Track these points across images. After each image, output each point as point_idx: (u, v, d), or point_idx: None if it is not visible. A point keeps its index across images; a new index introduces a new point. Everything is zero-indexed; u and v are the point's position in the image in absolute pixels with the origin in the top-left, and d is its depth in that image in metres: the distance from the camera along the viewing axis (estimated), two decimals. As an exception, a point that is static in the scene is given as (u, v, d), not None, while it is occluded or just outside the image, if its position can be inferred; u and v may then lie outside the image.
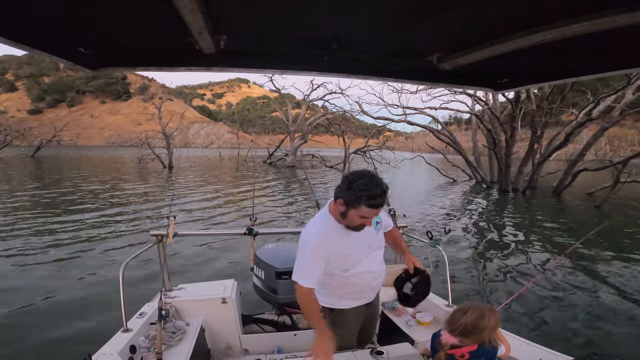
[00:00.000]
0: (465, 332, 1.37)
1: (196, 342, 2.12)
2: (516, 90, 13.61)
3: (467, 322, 1.36)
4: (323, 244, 1.66)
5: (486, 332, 1.36)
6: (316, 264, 1.66)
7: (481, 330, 1.35)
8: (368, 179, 1.57)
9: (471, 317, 1.36)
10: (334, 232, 1.69)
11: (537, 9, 0.96)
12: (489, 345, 1.37)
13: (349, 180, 1.59)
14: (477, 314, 1.37)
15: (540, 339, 1.79)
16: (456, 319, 1.40)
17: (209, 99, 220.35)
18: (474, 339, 1.36)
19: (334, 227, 1.70)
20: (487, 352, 1.37)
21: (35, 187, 15.03)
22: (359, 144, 28.47)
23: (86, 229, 7.99)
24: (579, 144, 17.33)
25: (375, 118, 22.56)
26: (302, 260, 1.67)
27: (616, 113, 14.34)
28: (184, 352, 1.98)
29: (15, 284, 4.84)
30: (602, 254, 6.60)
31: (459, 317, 1.39)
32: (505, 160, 16.46)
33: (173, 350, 1.99)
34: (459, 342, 1.37)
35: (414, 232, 3.04)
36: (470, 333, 1.36)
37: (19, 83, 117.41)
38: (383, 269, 1.91)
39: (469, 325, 1.36)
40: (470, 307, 1.41)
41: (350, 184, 1.57)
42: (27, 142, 45.99)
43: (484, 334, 1.36)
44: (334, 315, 1.84)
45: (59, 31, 1.11)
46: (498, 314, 1.50)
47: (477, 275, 5.56)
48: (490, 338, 1.38)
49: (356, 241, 1.73)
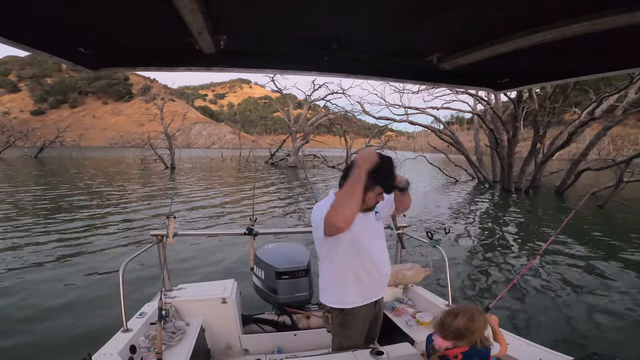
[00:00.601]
0: (458, 336, 1.37)
1: (196, 342, 2.12)
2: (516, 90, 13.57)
3: (459, 326, 1.36)
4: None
5: (477, 333, 1.36)
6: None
7: (473, 332, 1.36)
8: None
9: (462, 321, 1.36)
10: None
11: (537, 9, 0.95)
12: (480, 345, 1.37)
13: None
14: (468, 317, 1.36)
15: (540, 339, 1.78)
16: (447, 324, 1.39)
17: (210, 100, 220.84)
18: (467, 341, 1.36)
19: None
20: (479, 353, 1.37)
21: (38, 187, 15.09)
22: (361, 144, 28.48)
23: (87, 229, 8.01)
24: (581, 143, 17.28)
25: (377, 118, 22.60)
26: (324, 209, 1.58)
27: (619, 112, 14.29)
28: (184, 352, 1.98)
29: (15, 284, 4.87)
30: (603, 253, 6.58)
31: (450, 321, 1.39)
32: (508, 160, 16.41)
33: (173, 350, 2.00)
34: (453, 345, 1.38)
35: (414, 232, 3.04)
36: (463, 336, 1.36)
37: (21, 84, 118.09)
38: (387, 259, 1.88)
39: (462, 329, 1.36)
40: (459, 310, 1.41)
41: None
42: (30, 143, 46.29)
43: (476, 335, 1.36)
44: (343, 315, 1.80)
45: (59, 31, 1.12)
46: (486, 313, 1.51)
47: (477, 275, 5.55)
48: (481, 339, 1.38)
49: (362, 224, 1.72)
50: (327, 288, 1.81)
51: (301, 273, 2.67)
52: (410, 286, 2.75)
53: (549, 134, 16.45)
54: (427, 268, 2.63)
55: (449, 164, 22.76)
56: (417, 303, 2.64)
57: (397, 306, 2.58)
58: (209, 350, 2.47)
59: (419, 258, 5.61)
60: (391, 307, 2.58)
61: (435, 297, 2.55)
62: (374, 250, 1.80)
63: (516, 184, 16.22)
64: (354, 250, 1.73)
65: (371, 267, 1.79)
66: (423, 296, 2.61)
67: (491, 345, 1.42)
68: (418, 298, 2.65)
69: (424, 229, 8.32)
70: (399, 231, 2.61)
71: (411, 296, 2.73)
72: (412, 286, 2.74)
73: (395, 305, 2.59)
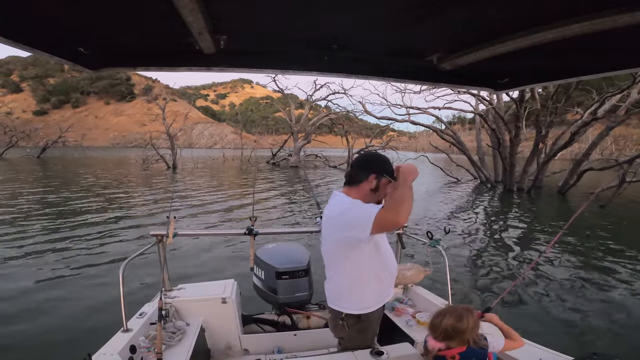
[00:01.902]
0: (448, 336, 1.36)
1: (196, 342, 2.12)
2: (517, 90, 13.54)
3: (446, 326, 1.36)
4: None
5: (467, 333, 1.35)
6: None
7: (462, 332, 1.35)
8: (377, 154, 1.83)
9: (449, 321, 1.35)
10: None
11: (537, 9, 0.95)
12: (475, 345, 1.36)
13: (368, 159, 1.80)
14: (455, 317, 1.36)
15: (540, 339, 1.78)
16: (436, 325, 1.39)
17: (212, 100, 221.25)
18: (459, 341, 1.36)
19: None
20: (476, 353, 1.36)
21: (41, 187, 15.16)
22: (362, 144, 28.44)
23: (87, 229, 8.05)
24: (584, 143, 17.22)
25: (378, 118, 22.61)
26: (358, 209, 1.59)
27: (622, 112, 14.24)
28: (184, 352, 1.98)
29: (15, 284, 4.89)
30: (604, 254, 6.56)
31: (438, 322, 1.39)
32: (510, 160, 16.37)
33: (173, 350, 2.00)
34: (446, 346, 1.37)
35: (414, 232, 3.04)
36: (453, 337, 1.36)
37: (24, 84, 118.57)
38: (394, 259, 1.88)
39: (449, 330, 1.35)
40: (447, 311, 1.40)
41: (369, 159, 1.78)
42: (33, 143, 46.44)
43: (466, 334, 1.35)
44: (361, 321, 1.75)
45: (59, 31, 1.12)
46: (489, 312, 1.50)
47: (477, 275, 5.54)
48: (475, 339, 1.37)
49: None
50: (345, 294, 1.75)
51: (301, 273, 2.66)
52: (410, 286, 2.74)
53: (551, 133, 16.39)
54: (427, 268, 2.63)
55: (450, 164, 22.71)
56: (417, 303, 2.64)
57: (397, 306, 2.57)
58: (209, 350, 2.48)
59: (419, 258, 5.61)
60: (391, 307, 2.57)
61: (435, 297, 2.55)
62: (388, 249, 1.81)
63: (518, 184, 16.17)
64: (375, 251, 1.72)
65: (388, 267, 1.79)
66: (423, 296, 2.61)
67: (487, 345, 1.40)
68: (418, 298, 2.65)
69: (425, 228, 8.31)
70: (399, 231, 2.61)
71: (411, 296, 2.72)
72: (412, 286, 2.74)
73: (395, 305, 2.58)
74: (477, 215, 10.78)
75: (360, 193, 1.70)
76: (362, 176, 1.70)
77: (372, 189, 1.70)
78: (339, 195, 1.76)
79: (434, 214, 10.60)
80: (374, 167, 1.70)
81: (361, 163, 1.76)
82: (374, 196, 1.72)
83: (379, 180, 1.69)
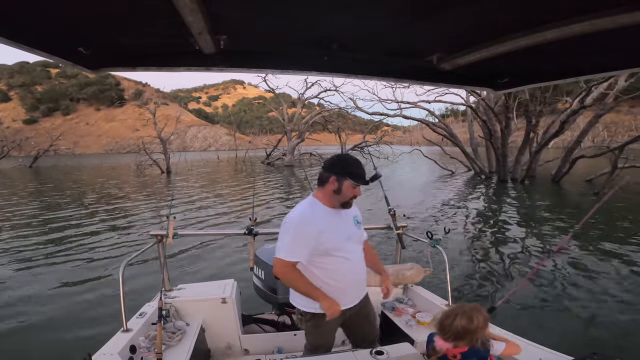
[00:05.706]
0: (458, 337, 1.38)
1: (196, 342, 2.13)
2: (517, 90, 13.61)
3: (458, 327, 1.36)
4: (307, 221, 1.72)
5: (477, 332, 1.37)
6: (299, 241, 1.70)
7: (473, 332, 1.36)
8: (344, 156, 1.85)
9: (461, 322, 1.36)
10: (320, 211, 1.78)
11: (537, 9, 0.96)
12: (481, 346, 1.37)
13: (332, 161, 1.80)
14: (466, 318, 1.36)
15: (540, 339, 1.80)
16: (446, 326, 1.40)
17: (204, 102, 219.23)
18: (467, 340, 1.37)
19: (320, 207, 1.80)
20: (478, 353, 1.37)
21: (36, 197, 14.97)
22: (357, 139, 28.47)
23: (87, 232, 8.02)
24: (576, 131, 17.36)
25: (370, 114, 22.62)
26: (284, 239, 1.72)
27: (610, 100, 14.38)
28: (184, 352, 1.99)
29: (15, 284, 4.87)
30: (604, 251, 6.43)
31: (448, 322, 1.39)
32: (502, 150, 16.50)
33: (173, 350, 2.00)
34: (454, 346, 1.38)
35: (414, 232, 3.04)
36: (463, 337, 1.37)
37: (12, 93, 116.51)
38: (363, 267, 1.91)
39: (461, 330, 1.36)
40: (458, 311, 1.41)
41: (333, 161, 1.80)
42: (25, 152, 45.83)
43: (477, 334, 1.37)
44: (316, 319, 1.81)
45: (59, 31, 1.11)
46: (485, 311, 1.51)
47: (477, 274, 5.48)
48: (482, 338, 1.38)
49: (338, 226, 1.80)
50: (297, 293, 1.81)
51: (301, 273, 2.68)
52: (410, 286, 2.75)
53: (542, 123, 16.53)
54: (427, 268, 2.63)
55: (445, 156, 22.79)
56: (417, 303, 2.65)
57: (397, 306, 2.58)
58: (209, 350, 2.48)
59: (419, 257, 5.59)
60: (391, 307, 2.59)
61: (435, 297, 2.56)
62: (349, 254, 1.81)
63: (512, 174, 16.31)
64: (326, 266, 1.77)
65: (346, 271, 1.80)
66: (423, 296, 2.62)
67: (491, 346, 1.41)
68: (418, 298, 2.66)
69: (422, 224, 8.35)
70: (398, 231, 2.59)
71: (411, 296, 2.73)
72: (412, 286, 2.75)
73: (395, 305, 2.59)
74: (473, 208, 10.83)
75: (326, 194, 1.79)
76: (325, 178, 1.78)
77: (334, 190, 1.76)
78: (308, 197, 1.84)
79: (430, 209, 10.62)
80: (335, 170, 1.76)
81: (325, 164, 1.82)
82: (338, 197, 1.77)
83: (341, 183, 1.73)
